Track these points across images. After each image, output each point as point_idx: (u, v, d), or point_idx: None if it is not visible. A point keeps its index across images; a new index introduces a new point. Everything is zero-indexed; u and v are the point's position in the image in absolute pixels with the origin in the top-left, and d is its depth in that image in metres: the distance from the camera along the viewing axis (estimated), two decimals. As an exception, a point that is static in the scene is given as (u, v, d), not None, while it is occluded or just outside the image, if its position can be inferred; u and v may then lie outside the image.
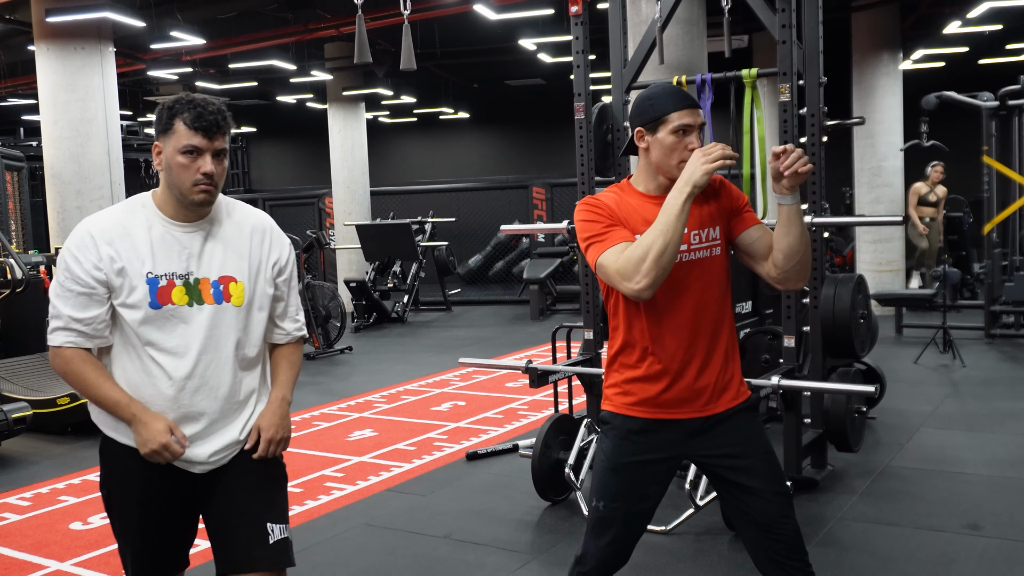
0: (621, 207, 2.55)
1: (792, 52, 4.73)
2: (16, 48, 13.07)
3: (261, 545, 2.38)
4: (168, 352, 2.34)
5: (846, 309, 4.94)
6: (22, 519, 5.00)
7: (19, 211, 10.72)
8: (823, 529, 4.33)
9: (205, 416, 2.38)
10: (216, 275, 2.37)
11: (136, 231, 2.32)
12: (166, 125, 2.30)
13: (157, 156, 2.33)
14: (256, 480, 2.45)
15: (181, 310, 2.33)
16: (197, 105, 2.29)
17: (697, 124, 2.52)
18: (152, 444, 2.31)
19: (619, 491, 2.60)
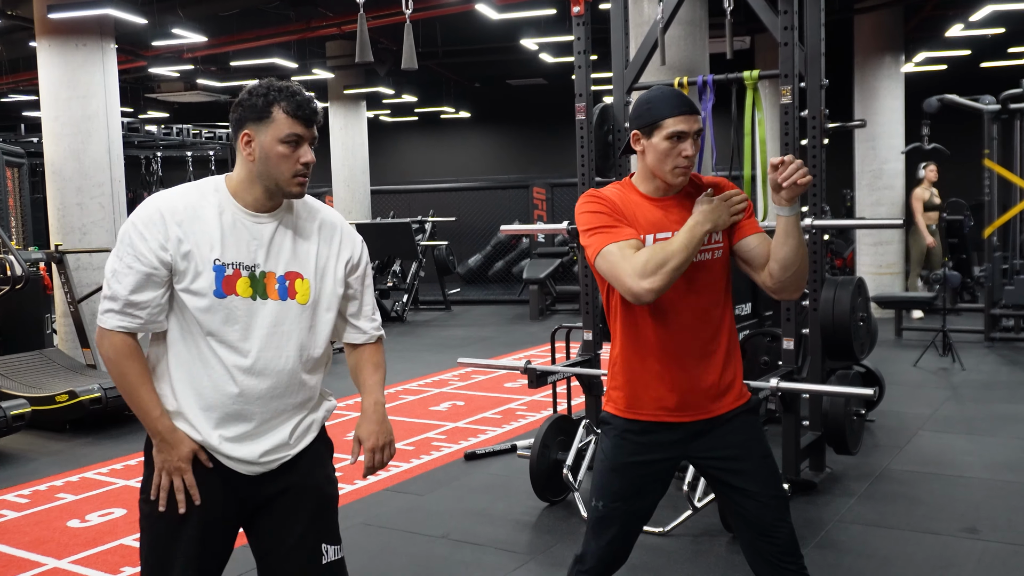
0: (625, 204, 2.55)
1: (794, 54, 4.73)
2: (18, 44, 13.07)
3: (314, 566, 2.31)
4: (229, 345, 2.23)
5: (846, 311, 4.94)
6: (20, 516, 5.00)
7: (19, 207, 10.71)
8: (821, 531, 4.33)
9: (258, 415, 2.27)
10: (283, 270, 2.26)
11: (207, 215, 2.21)
12: (262, 113, 2.19)
13: (247, 145, 2.22)
14: (312, 498, 2.35)
15: (245, 302, 2.22)
16: (295, 93, 2.21)
17: (693, 131, 2.50)
18: (170, 466, 2.22)
19: (618, 491, 2.61)
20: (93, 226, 8.59)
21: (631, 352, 2.58)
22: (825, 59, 4.93)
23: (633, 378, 2.58)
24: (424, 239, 13.97)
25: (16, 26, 11.60)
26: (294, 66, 14.24)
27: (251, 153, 2.21)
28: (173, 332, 2.26)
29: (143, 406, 2.23)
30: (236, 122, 2.23)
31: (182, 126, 17.27)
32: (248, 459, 2.27)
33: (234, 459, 2.27)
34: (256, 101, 2.20)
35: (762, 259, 2.54)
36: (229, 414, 2.25)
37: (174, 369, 2.26)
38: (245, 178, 2.24)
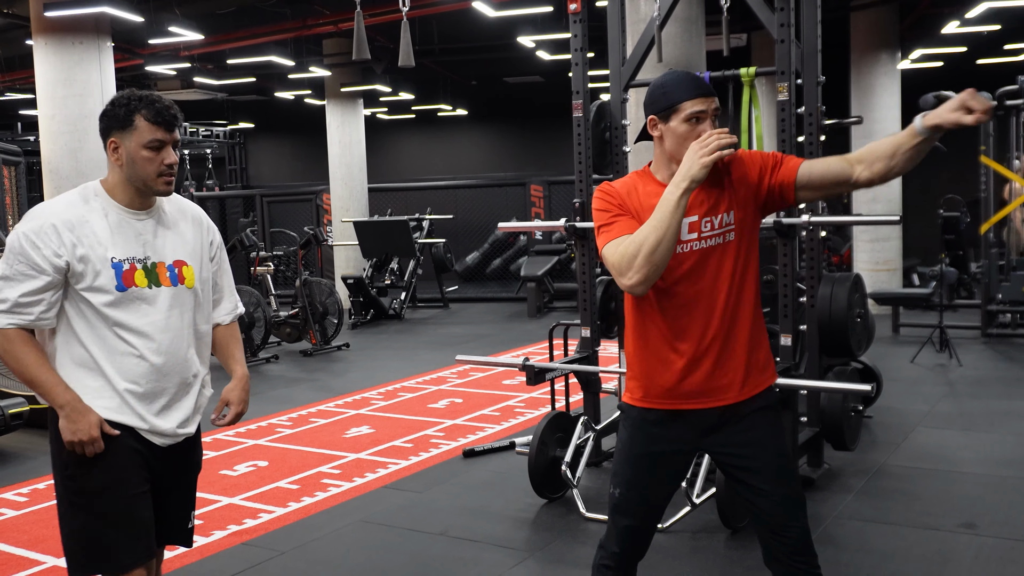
0: (633, 195, 2.53)
1: (791, 51, 4.74)
2: (14, 42, 13.06)
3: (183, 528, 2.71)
4: (137, 332, 2.46)
5: (843, 308, 4.95)
6: (19, 515, 5.00)
7: (16, 206, 10.69)
8: (819, 527, 4.34)
9: (168, 390, 2.53)
10: (170, 259, 2.53)
11: (94, 219, 2.43)
12: (124, 121, 2.42)
13: (114, 151, 2.44)
14: (191, 466, 2.71)
15: (144, 292, 2.47)
16: (154, 101, 2.42)
17: (710, 110, 2.48)
18: (82, 435, 2.41)
19: (632, 480, 2.62)
20: (90, 224, 8.58)
21: (643, 341, 2.56)
22: (821, 56, 4.94)
23: (646, 367, 2.56)
24: (422, 237, 13.97)
25: (12, 24, 11.59)
26: (291, 64, 14.22)
27: (119, 159, 2.45)
28: (73, 328, 2.46)
29: (47, 383, 2.43)
30: (103, 131, 2.48)
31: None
32: (166, 432, 2.55)
33: (153, 432, 2.53)
34: (119, 111, 2.43)
35: (832, 174, 2.45)
36: (144, 393, 2.50)
37: (72, 363, 2.47)
38: (118, 182, 2.49)
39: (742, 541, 4.20)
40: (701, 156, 2.34)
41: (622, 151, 5.40)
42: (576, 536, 4.38)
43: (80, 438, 2.41)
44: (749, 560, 3.98)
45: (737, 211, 2.51)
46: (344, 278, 12.90)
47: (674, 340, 2.51)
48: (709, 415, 2.54)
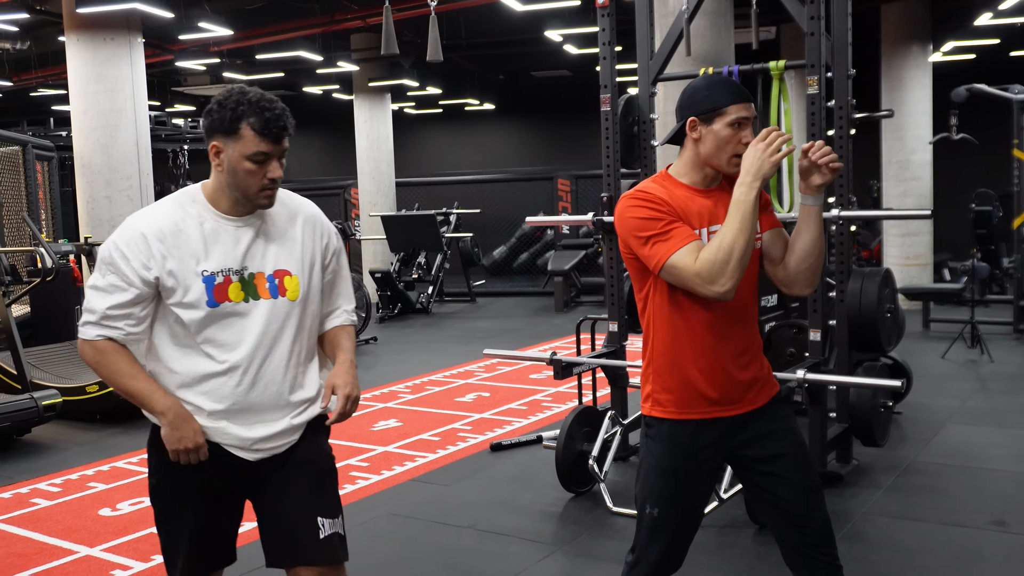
0: (674, 200, 2.48)
1: (820, 44, 4.70)
2: (47, 39, 13.21)
3: (312, 540, 2.32)
4: (225, 347, 2.28)
5: (873, 303, 4.91)
6: (52, 505, 5.07)
7: (49, 201, 10.83)
8: (847, 524, 4.32)
9: (256, 408, 2.33)
10: (271, 269, 2.30)
11: (189, 227, 2.25)
12: (230, 127, 2.19)
13: (216, 156, 2.24)
14: (307, 472, 2.39)
15: (238, 307, 2.27)
16: (264, 109, 2.19)
17: (752, 117, 2.48)
18: (187, 443, 2.26)
19: (672, 494, 2.56)
20: (122, 219, 8.50)
21: (675, 352, 2.51)
22: (852, 49, 4.89)
23: (680, 379, 2.51)
24: (449, 231, 14.00)
25: (45, 21, 11.71)
26: (319, 59, 14.29)
27: (220, 164, 2.24)
28: (161, 341, 2.33)
29: (144, 391, 2.28)
30: (206, 130, 2.26)
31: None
32: (250, 445, 2.34)
33: (238, 446, 2.34)
34: (225, 114, 2.20)
35: (780, 253, 2.53)
36: (230, 411, 2.31)
37: (166, 375, 2.33)
38: (218, 187, 2.28)
39: (769, 537, 4.17)
40: (771, 155, 2.36)
41: (650, 145, 5.38)
42: (603, 530, 4.39)
43: (185, 445, 2.26)
44: (776, 556, 3.94)
45: (762, 222, 2.52)
46: (372, 272, 12.95)
47: (705, 348, 2.48)
48: (737, 419, 2.53)
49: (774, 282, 2.56)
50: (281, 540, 2.36)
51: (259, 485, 2.39)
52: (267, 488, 2.38)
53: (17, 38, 13.37)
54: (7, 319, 7.03)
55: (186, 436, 2.26)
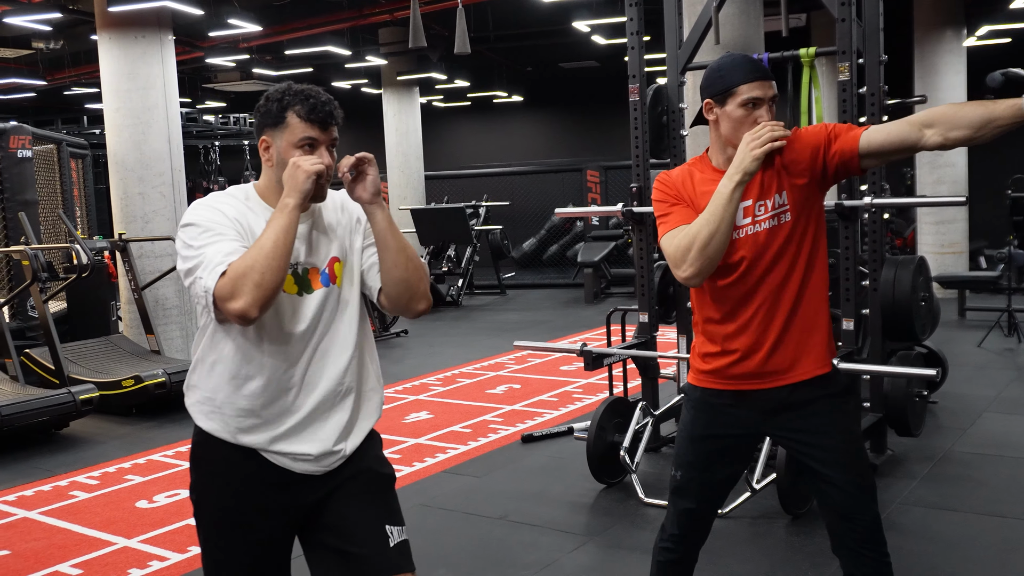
0: (687, 183, 2.51)
1: (852, 30, 4.65)
2: (79, 37, 13.36)
3: (383, 550, 2.20)
4: (277, 339, 2.16)
5: (906, 291, 4.86)
6: (90, 497, 5.14)
7: (84, 197, 10.96)
8: (882, 514, 4.27)
9: (306, 406, 2.19)
10: (323, 262, 2.22)
11: (250, 219, 2.17)
12: (277, 118, 2.15)
13: (266, 151, 2.19)
14: (368, 482, 2.27)
15: (291, 298, 2.17)
16: (309, 96, 2.16)
17: (768, 97, 2.44)
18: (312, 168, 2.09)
19: (693, 462, 2.60)
20: (155, 215, 8.76)
21: (709, 322, 2.55)
22: (884, 34, 4.84)
23: (711, 348, 2.55)
24: (478, 224, 14.02)
25: (78, 20, 11.84)
26: (347, 53, 14.35)
27: (270, 159, 2.20)
28: (217, 332, 2.19)
29: (270, 227, 2.05)
30: (256, 128, 2.22)
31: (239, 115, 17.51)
32: (306, 453, 2.19)
33: (289, 455, 2.19)
34: (271, 106, 2.17)
35: (896, 139, 2.38)
36: (282, 408, 2.18)
37: (219, 368, 2.19)
38: (271, 184, 2.21)
39: (803, 527, 4.17)
40: (753, 148, 2.33)
41: (679, 135, 5.36)
42: (635, 521, 4.38)
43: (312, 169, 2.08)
44: (811, 547, 3.94)
45: (791, 192, 2.45)
46: (402, 265, 12.97)
47: (733, 323, 2.49)
48: (772, 397, 2.50)
49: (926, 145, 2.40)
50: (348, 553, 2.21)
51: (315, 500, 2.24)
52: (326, 501, 2.24)
53: (51, 37, 13.53)
54: (44, 315, 7.13)
55: (304, 167, 2.09)
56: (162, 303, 8.77)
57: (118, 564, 4.14)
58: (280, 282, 2.01)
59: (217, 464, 2.23)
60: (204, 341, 2.21)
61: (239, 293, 1.97)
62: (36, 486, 5.40)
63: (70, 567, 4.13)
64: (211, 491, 2.26)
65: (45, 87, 16.41)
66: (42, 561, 4.21)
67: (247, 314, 1.98)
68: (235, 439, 2.19)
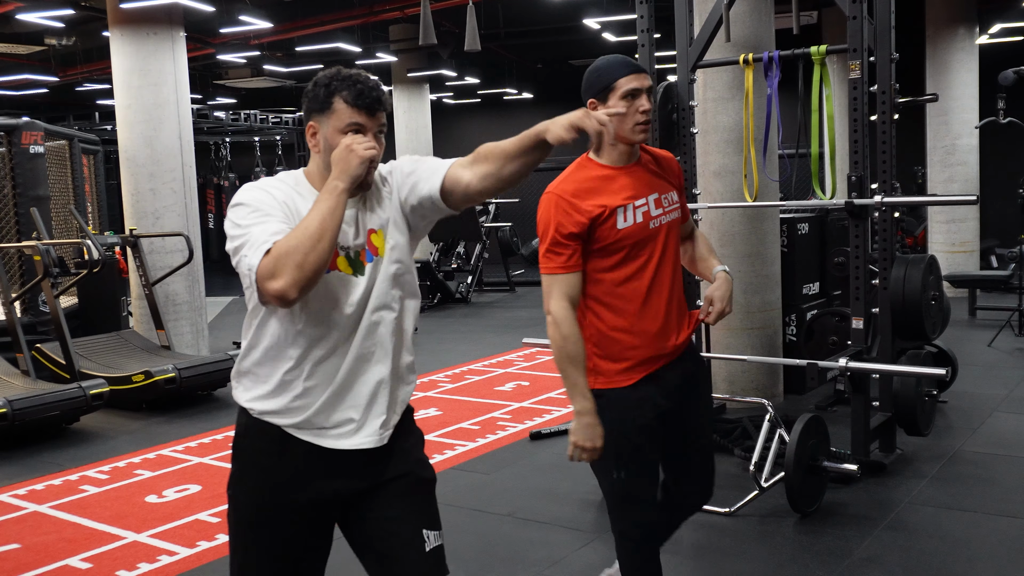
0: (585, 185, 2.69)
1: (863, 28, 4.64)
2: (91, 34, 13.40)
3: (418, 554, 2.18)
4: (330, 323, 2.13)
5: (917, 290, 4.84)
6: (101, 491, 5.17)
7: (95, 193, 10.99)
8: (891, 513, 4.27)
9: (356, 382, 2.17)
10: (364, 238, 2.18)
11: (298, 203, 2.14)
12: (324, 104, 2.15)
13: (312, 137, 2.18)
14: (410, 484, 2.24)
15: (344, 277, 2.13)
16: (357, 81, 2.14)
17: (645, 87, 2.64)
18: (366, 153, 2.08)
19: (637, 453, 2.70)
20: (166, 211, 8.79)
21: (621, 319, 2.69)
22: (895, 32, 4.82)
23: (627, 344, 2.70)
24: (488, 221, 14.02)
25: (90, 16, 11.89)
26: (358, 50, 14.36)
27: (316, 144, 2.19)
28: (273, 320, 2.16)
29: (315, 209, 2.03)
30: (304, 114, 2.21)
31: (249, 112, 17.55)
32: (349, 419, 2.16)
33: (336, 428, 2.17)
34: (319, 92, 2.16)
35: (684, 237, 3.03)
36: (335, 389, 2.15)
37: (273, 353, 2.16)
38: (318, 169, 2.20)
39: (811, 526, 4.16)
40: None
41: (689, 132, 5.35)
42: (643, 519, 4.38)
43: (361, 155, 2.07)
44: (819, 546, 3.94)
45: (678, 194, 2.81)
46: (411, 262, 13.00)
47: (648, 307, 2.69)
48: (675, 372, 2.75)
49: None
50: (383, 553, 2.21)
51: (355, 499, 2.22)
52: (366, 502, 2.22)
53: (63, 34, 13.58)
54: (56, 310, 7.16)
55: (353, 150, 2.08)
56: (172, 299, 8.81)
57: (127, 558, 4.16)
58: (323, 265, 1.99)
59: (259, 455, 2.20)
60: (254, 326, 2.18)
61: (280, 273, 1.95)
62: (46, 480, 5.43)
63: (80, 561, 4.15)
64: (248, 483, 2.21)
65: (57, 83, 16.46)
66: (52, 555, 4.24)
67: (286, 295, 1.96)
68: (284, 424, 2.16)
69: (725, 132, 6.10)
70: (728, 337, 6.17)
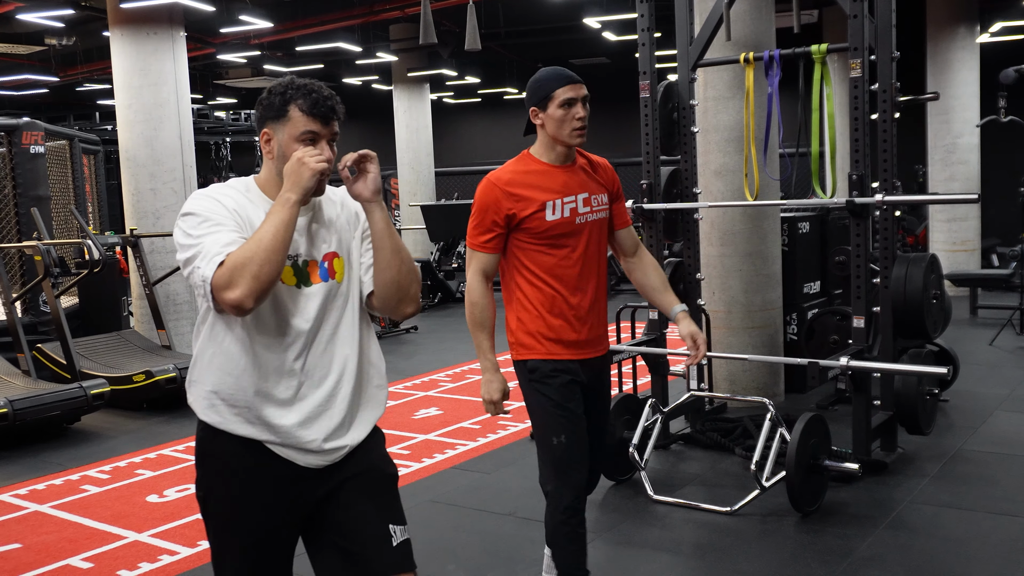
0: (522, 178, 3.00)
1: (864, 26, 4.64)
2: (92, 34, 13.41)
3: (386, 549, 2.21)
4: (278, 333, 2.16)
5: (918, 289, 4.84)
6: (102, 491, 5.17)
7: (96, 193, 11.00)
8: (892, 512, 4.27)
9: (308, 399, 2.20)
10: (321, 255, 2.22)
11: (249, 210, 2.17)
12: (279, 111, 2.17)
13: (267, 143, 2.20)
14: (372, 481, 2.28)
15: (290, 289, 2.16)
16: (312, 91, 2.17)
17: (580, 96, 2.97)
18: (318, 166, 2.09)
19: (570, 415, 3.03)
20: (166, 211, 8.79)
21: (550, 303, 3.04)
22: (896, 30, 4.82)
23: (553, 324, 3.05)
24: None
25: (90, 16, 11.90)
26: (358, 50, 14.36)
27: (271, 151, 2.21)
28: (217, 325, 2.18)
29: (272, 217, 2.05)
30: (257, 121, 2.24)
31: (249, 111, 17.55)
32: (310, 445, 2.19)
33: (293, 447, 2.18)
34: (274, 100, 2.18)
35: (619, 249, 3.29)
36: (284, 399, 2.17)
37: (219, 361, 2.18)
38: (271, 177, 2.22)
39: (813, 525, 4.16)
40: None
41: (690, 131, 5.35)
42: (644, 518, 4.38)
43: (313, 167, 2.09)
44: (820, 544, 3.94)
45: (609, 198, 3.13)
46: (412, 262, 13.01)
47: (573, 297, 3.02)
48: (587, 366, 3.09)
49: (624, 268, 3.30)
50: (352, 551, 2.22)
51: (319, 495, 2.24)
52: (331, 497, 2.25)
53: (63, 34, 13.58)
54: (56, 310, 7.16)
55: (305, 161, 2.10)
56: (173, 298, 8.81)
57: (128, 558, 4.16)
58: (277, 275, 2.02)
59: (222, 459, 2.22)
60: (204, 334, 2.21)
61: (236, 283, 1.97)
62: (47, 480, 5.43)
63: (81, 560, 4.15)
64: (217, 486, 2.24)
65: (58, 83, 16.47)
66: (53, 555, 4.23)
67: (243, 304, 1.99)
68: (239, 432, 2.18)
69: (725, 131, 6.09)
70: (729, 336, 6.16)
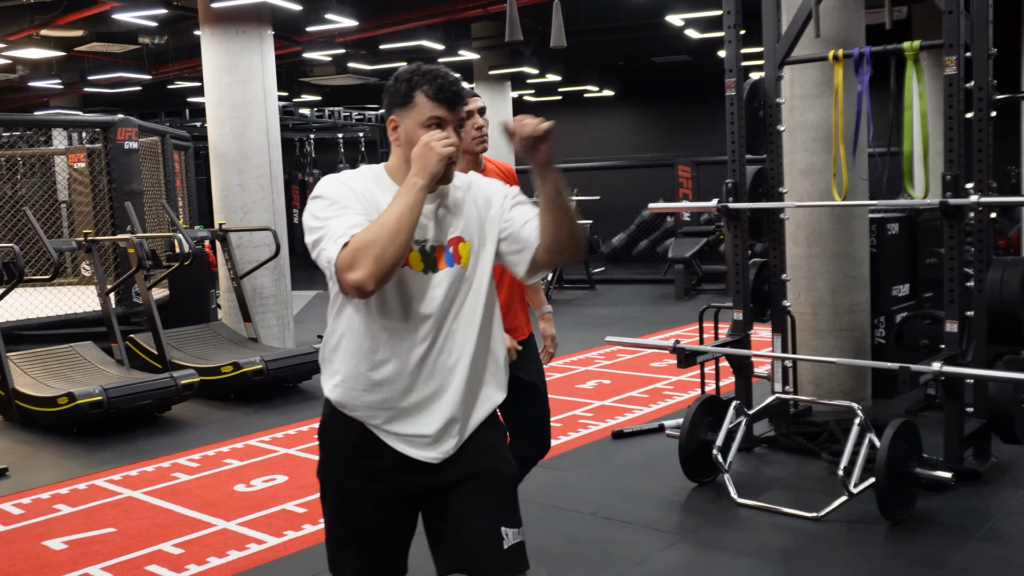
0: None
1: (959, 22, 4.51)
2: (183, 33, 13.76)
3: (496, 551, 2.20)
4: (403, 318, 2.17)
5: (1015, 293, 4.68)
6: (191, 479, 5.31)
7: (186, 188, 11.29)
8: (987, 523, 4.15)
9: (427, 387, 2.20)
10: (447, 240, 2.22)
11: (378, 196, 2.18)
12: (405, 98, 2.18)
13: (393, 131, 2.21)
14: (489, 482, 2.27)
15: (417, 275, 2.17)
16: (437, 76, 2.17)
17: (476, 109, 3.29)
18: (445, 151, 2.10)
19: None
20: (253, 206, 8.99)
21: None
22: (993, 26, 4.67)
23: None
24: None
25: (181, 16, 12.21)
26: (441, 48, 14.46)
27: (397, 138, 2.22)
28: (346, 307, 2.22)
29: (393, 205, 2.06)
30: (384, 108, 2.26)
31: (333, 109, 17.81)
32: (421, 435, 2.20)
33: (406, 437, 2.20)
34: (400, 87, 2.19)
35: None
36: (404, 388, 2.19)
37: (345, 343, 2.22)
38: (399, 163, 2.23)
39: (903, 534, 4.06)
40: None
41: (776, 130, 5.27)
42: (727, 521, 4.34)
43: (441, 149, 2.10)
44: (911, 554, 3.85)
45: None
46: (491, 259, 13.05)
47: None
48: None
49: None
50: (460, 549, 2.23)
51: (436, 493, 2.26)
52: (445, 494, 2.25)
53: (155, 33, 13.97)
54: (149, 301, 7.38)
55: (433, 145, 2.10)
56: (259, 292, 9.00)
57: (217, 545, 4.27)
58: (400, 258, 2.03)
59: (339, 444, 2.28)
60: (333, 314, 2.26)
61: (358, 265, 1.99)
62: (140, 467, 5.60)
63: (172, 546, 4.27)
64: (333, 470, 2.30)
65: (150, 81, 16.94)
66: (146, 540, 4.37)
67: (364, 286, 2.00)
68: (356, 415, 2.22)
69: (812, 130, 5.98)
70: (815, 339, 6.06)
